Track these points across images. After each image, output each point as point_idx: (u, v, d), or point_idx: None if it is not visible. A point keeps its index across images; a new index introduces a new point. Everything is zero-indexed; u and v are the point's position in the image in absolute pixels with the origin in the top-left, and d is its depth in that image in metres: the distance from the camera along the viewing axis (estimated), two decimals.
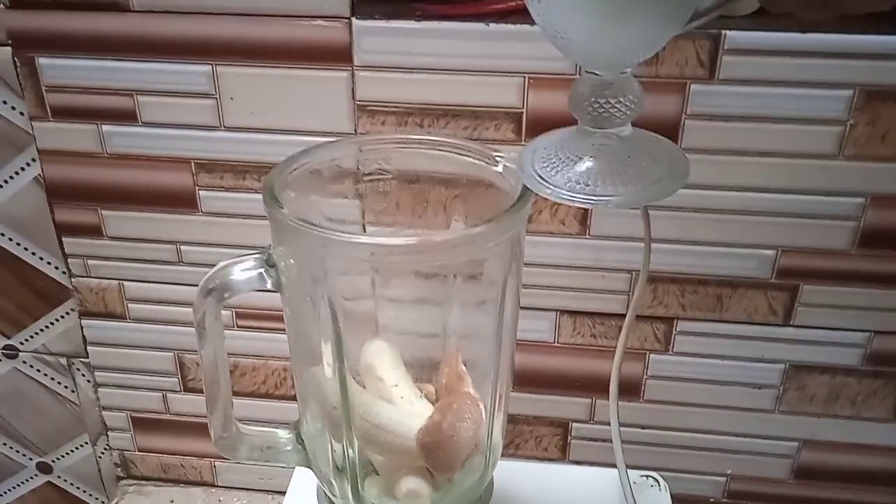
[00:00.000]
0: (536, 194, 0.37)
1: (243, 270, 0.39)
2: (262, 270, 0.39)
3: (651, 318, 0.59)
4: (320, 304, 0.38)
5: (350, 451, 0.41)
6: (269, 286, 0.39)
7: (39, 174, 0.60)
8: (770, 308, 0.58)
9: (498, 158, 0.42)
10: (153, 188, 0.60)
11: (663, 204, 0.54)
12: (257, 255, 0.39)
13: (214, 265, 0.61)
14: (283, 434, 0.45)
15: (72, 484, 0.76)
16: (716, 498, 0.66)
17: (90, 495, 0.77)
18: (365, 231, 0.51)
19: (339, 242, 0.35)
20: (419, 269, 0.39)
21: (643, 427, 0.64)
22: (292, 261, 0.38)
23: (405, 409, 0.42)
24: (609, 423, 0.63)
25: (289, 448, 0.45)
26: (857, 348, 0.58)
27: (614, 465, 0.56)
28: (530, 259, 0.57)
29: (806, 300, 0.57)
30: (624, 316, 0.59)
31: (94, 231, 0.62)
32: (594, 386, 0.63)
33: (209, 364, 0.40)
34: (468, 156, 0.43)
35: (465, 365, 0.45)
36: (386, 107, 0.54)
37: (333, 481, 0.43)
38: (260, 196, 0.58)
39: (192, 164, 0.58)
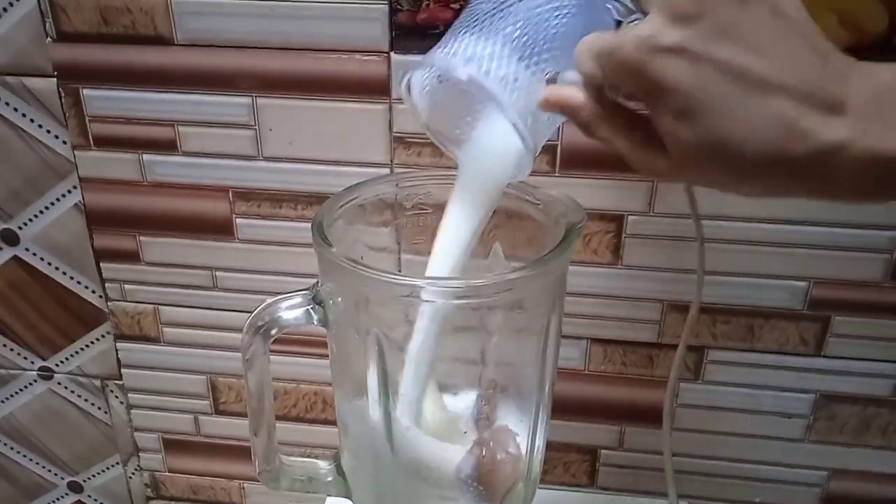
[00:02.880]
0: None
1: (290, 308, 0.39)
2: (309, 308, 0.39)
3: None
4: (367, 340, 0.38)
5: (392, 483, 0.42)
6: (315, 322, 0.40)
7: (80, 201, 0.61)
8: (801, 338, 0.58)
9: (539, 196, 0.42)
10: (191, 215, 0.61)
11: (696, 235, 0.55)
12: (304, 292, 0.40)
13: (249, 291, 0.63)
14: (324, 465, 0.45)
15: (102, 503, 0.77)
16: None
17: None
18: (400, 260, 0.52)
19: (385, 283, 0.36)
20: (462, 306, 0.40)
21: (672, 455, 0.64)
22: (340, 298, 0.38)
23: (445, 444, 0.43)
24: (639, 451, 0.64)
25: (329, 479, 0.45)
26: (889, 379, 0.59)
27: (643, 493, 0.56)
28: None
29: (837, 331, 0.57)
30: (655, 345, 0.60)
31: (132, 256, 0.63)
32: (624, 414, 0.63)
33: (255, 395, 0.41)
34: (509, 192, 0.44)
35: (503, 396, 0.45)
36: (423, 139, 0.55)
37: None
38: (296, 224, 0.60)
39: (231, 193, 0.59)
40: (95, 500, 0.77)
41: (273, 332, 0.39)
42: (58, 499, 0.77)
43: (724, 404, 0.61)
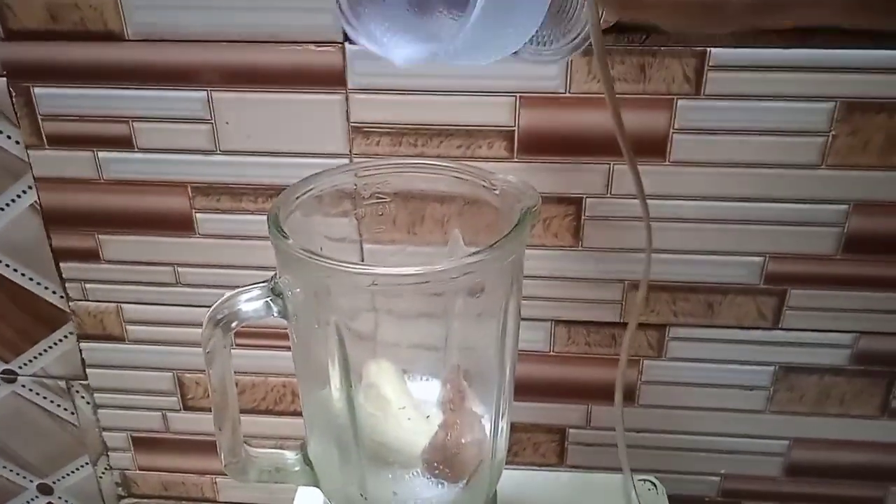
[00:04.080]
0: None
1: (249, 300, 0.39)
2: (268, 299, 0.39)
3: (644, 326, 0.61)
4: (327, 330, 0.38)
5: (358, 468, 0.42)
6: (275, 314, 0.40)
7: (36, 201, 0.61)
8: (759, 313, 0.59)
9: (495, 181, 0.43)
10: (150, 212, 0.60)
11: (656, 215, 0.56)
12: (263, 285, 0.40)
13: (212, 286, 0.63)
14: (291, 455, 0.46)
15: None
16: (710, 497, 0.68)
17: None
18: (362, 250, 0.52)
19: (344, 273, 0.36)
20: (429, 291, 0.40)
21: (638, 431, 0.65)
22: (298, 289, 0.39)
23: (410, 427, 0.43)
24: (606, 429, 0.65)
25: (297, 469, 0.45)
26: (844, 349, 0.60)
27: (611, 469, 0.57)
28: (524, 271, 0.59)
29: (794, 304, 0.59)
30: (617, 324, 0.61)
31: (92, 255, 0.62)
32: (590, 393, 0.64)
33: (218, 389, 0.41)
34: (466, 179, 0.44)
35: (466, 379, 0.46)
36: (380, 128, 0.55)
37: (343, 498, 0.44)
38: (256, 217, 0.60)
39: (189, 188, 0.59)
40: (66, 501, 0.76)
41: (233, 324, 0.39)
42: (28, 501, 0.77)
43: (687, 379, 0.63)
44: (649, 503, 0.55)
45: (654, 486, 0.57)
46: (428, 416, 0.43)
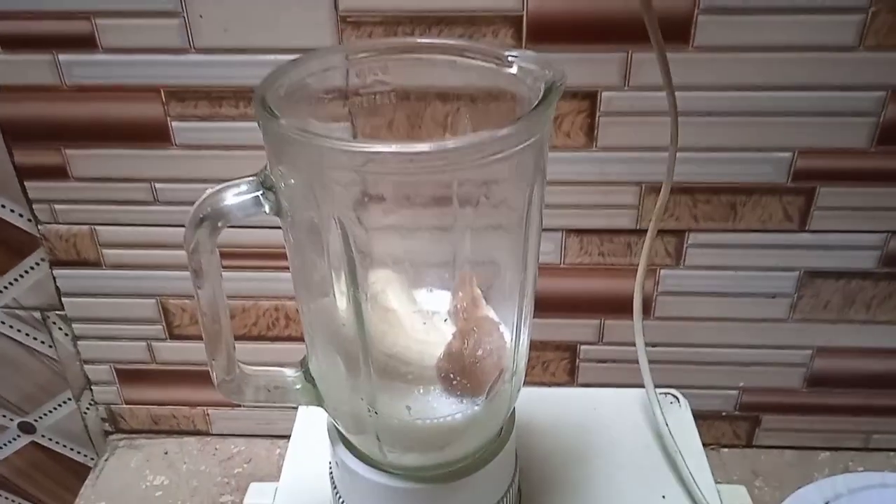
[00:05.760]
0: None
1: (237, 195, 0.35)
2: (258, 194, 0.35)
3: (662, 232, 0.57)
4: (329, 225, 0.34)
5: (368, 383, 0.38)
6: (266, 211, 0.35)
7: None
8: (785, 214, 0.55)
9: (511, 58, 0.38)
10: (121, 122, 0.55)
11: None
12: (251, 178, 0.35)
13: (193, 203, 0.58)
14: (290, 373, 0.42)
15: (57, 442, 0.73)
16: (728, 411, 0.65)
17: (78, 452, 0.74)
18: None
19: (342, 152, 0.31)
20: (437, 181, 0.35)
21: (654, 345, 0.62)
22: (293, 180, 0.34)
23: (422, 337, 0.39)
24: (619, 344, 0.62)
25: (297, 387, 0.41)
26: (874, 250, 0.57)
27: (623, 386, 0.54)
28: None
29: (822, 203, 0.55)
30: (633, 231, 0.57)
31: (59, 173, 0.57)
32: (603, 306, 0.60)
33: (208, 303, 0.37)
34: (476, 58, 0.39)
35: (483, 283, 0.41)
36: (372, 16, 0.50)
37: (349, 417, 0.40)
38: (238, 124, 0.55)
39: (162, 93, 0.53)
40: (50, 439, 0.73)
41: (219, 223, 0.34)
42: (9, 441, 0.73)
43: (706, 289, 0.59)
44: (673, 417, 0.51)
45: (677, 399, 0.53)
46: (445, 320, 0.39)
